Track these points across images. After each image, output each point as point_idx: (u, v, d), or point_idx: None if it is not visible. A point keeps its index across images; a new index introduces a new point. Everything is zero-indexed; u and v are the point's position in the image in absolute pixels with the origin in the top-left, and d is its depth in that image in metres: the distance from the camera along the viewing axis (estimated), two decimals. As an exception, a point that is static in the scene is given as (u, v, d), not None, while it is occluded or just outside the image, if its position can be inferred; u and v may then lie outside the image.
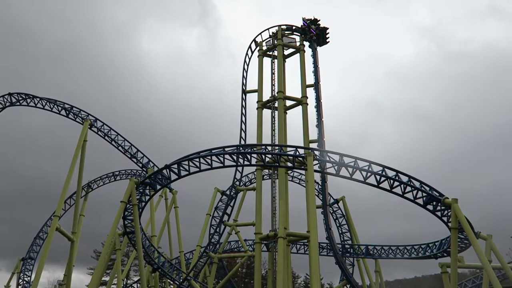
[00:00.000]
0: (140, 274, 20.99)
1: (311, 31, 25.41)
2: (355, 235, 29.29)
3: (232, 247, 31.90)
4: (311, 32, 25.37)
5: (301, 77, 23.79)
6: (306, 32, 25.45)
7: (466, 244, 19.50)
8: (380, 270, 28.08)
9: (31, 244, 32.58)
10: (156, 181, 19.29)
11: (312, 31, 25.41)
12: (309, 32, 25.36)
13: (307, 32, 25.43)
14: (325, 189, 23.25)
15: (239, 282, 60.01)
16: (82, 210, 30.87)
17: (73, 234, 24.76)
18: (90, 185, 33.89)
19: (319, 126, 22.99)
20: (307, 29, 25.39)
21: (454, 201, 16.42)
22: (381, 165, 17.25)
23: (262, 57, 25.23)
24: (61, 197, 23.22)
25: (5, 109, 28.74)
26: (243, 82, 25.93)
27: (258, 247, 20.17)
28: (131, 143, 29.58)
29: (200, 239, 28.29)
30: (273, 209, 20.90)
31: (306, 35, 25.39)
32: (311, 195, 16.83)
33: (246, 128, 24.97)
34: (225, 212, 26.05)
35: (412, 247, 23.91)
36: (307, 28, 25.39)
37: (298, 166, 18.59)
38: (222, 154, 18.01)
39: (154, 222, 27.38)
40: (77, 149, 24.49)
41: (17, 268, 31.97)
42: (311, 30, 25.42)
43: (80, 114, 27.40)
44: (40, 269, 20.98)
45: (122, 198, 18.87)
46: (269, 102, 23.56)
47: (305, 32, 25.41)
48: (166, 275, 24.89)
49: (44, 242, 30.05)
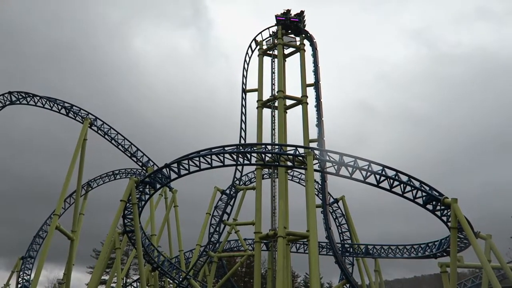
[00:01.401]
0: (139, 273, 21.00)
1: (292, 20, 25.28)
2: (355, 235, 29.32)
3: (231, 246, 31.92)
4: (293, 22, 25.21)
5: (301, 76, 23.77)
6: (289, 24, 25.28)
7: (465, 244, 19.52)
8: (380, 269, 28.12)
9: (31, 243, 32.58)
10: (156, 180, 19.29)
11: (294, 20, 25.32)
12: (292, 22, 25.20)
13: (289, 23, 25.27)
14: (325, 188, 23.25)
15: (239, 281, 60.02)
16: (82, 209, 30.86)
17: (73, 232, 24.76)
18: (90, 184, 33.89)
19: (319, 125, 22.97)
20: (288, 21, 25.26)
21: (454, 201, 16.44)
22: (381, 165, 17.26)
23: (262, 56, 25.21)
24: (61, 196, 23.21)
25: (4, 108, 28.73)
26: (243, 81, 25.90)
27: (257, 246, 20.19)
28: (131, 142, 29.60)
29: (200, 238, 28.30)
30: (273, 208, 20.90)
31: (288, 27, 25.26)
32: (311, 195, 16.84)
33: (246, 127, 24.99)
34: (224, 211, 26.04)
35: (412, 247, 23.93)
36: (288, 21, 25.26)
37: (298, 165, 18.60)
38: (222, 153, 18.01)
39: (154, 221, 27.38)
40: (77, 148, 24.47)
41: (17, 266, 31.98)
42: (291, 19, 25.31)
43: (80, 113, 27.38)
44: (40, 268, 20.98)
45: (121, 197, 18.87)
46: (269, 102, 23.55)
47: (288, 26, 25.26)
48: (165, 274, 24.90)
49: (44, 240, 30.04)
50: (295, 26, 25.29)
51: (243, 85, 25.86)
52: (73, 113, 27.41)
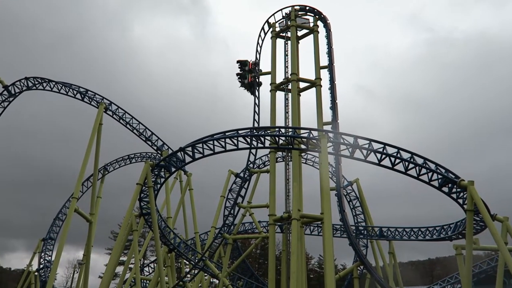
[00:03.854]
0: (156, 254, 21.48)
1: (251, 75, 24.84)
2: (369, 217, 29.33)
3: (246, 228, 32.26)
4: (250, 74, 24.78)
5: (315, 59, 23.45)
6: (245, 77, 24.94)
7: (481, 226, 19.38)
8: (394, 251, 28.13)
9: (51, 225, 33.45)
10: (171, 164, 19.45)
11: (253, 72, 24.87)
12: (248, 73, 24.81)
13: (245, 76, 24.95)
14: (338, 171, 23.17)
15: (253, 263, 60.92)
16: (99, 192, 31.47)
17: (91, 215, 25.35)
18: (107, 167, 34.48)
19: (333, 108, 22.74)
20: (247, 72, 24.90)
21: (470, 183, 16.25)
22: (395, 147, 17.10)
23: (275, 38, 24.90)
24: (79, 180, 23.69)
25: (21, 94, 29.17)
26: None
27: (272, 229, 20.35)
28: (146, 126, 29.85)
29: (215, 221, 28.67)
30: (286, 191, 20.96)
31: (303, 8, 24.74)
32: (325, 177, 16.82)
33: (260, 111, 24.93)
34: (239, 194, 26.23)
35: (427, 229, 23.87)
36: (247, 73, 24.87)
37: (312, 148, 18.55)
38: (236, 137, 18.05)
39: (169, 204, 27.79)
40: (93, 132, 24.83)
41: (38, 248, 32.97)
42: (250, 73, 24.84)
43: (95, 97, 27.63)
44: (60, 249, 21.60)
45: (137, 181, 19.16)
46: (282, 84, 23.38)
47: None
48: (182, 255, 25.38)
49: (64, 223, 30.85)
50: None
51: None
52: (88, 97, 27.68)
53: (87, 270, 24.94)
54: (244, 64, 25.28)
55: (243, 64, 25.35)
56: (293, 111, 21.77)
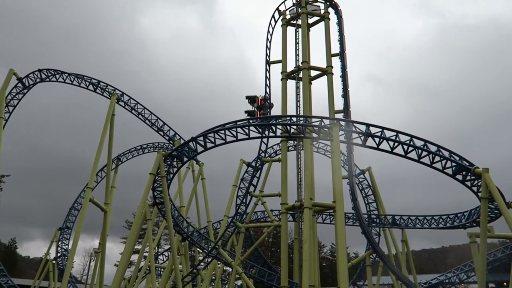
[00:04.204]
0: (170, 243, 21.75)
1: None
2: (381, 205, 29.20)
3: (258, 217, 32.47)
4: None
5: (326, 46, 23.20)
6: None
7: (496, 214, 19.15)
8: (407, 239, 28.03)
9: (67, 214, 34.13)
10: (183, 153, 19.59)
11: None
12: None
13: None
14: (351, 159, 23.06)
15: (266, 251, 61.39)
16: (113, 182, 31.93)
17: (106, 205, 25.72)
18: (120, 158, 34.91)
19: (344, 96, 22.54)
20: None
21: (485, 170, 16.05)
22: (409, 135, 16.93)
23: (286, 26, 24.64)
24: (93, 170, 24.01)
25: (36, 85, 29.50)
26: (267, 53, 25.50)
27: (284, 217, 20.43)
28: (158, 116, 30.02)
29: (227, 210, 28.88)
30: (298, 180, 20.96)
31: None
32: (337, 166, 16.75)
33: (271, 99, 24.81)
34: (251, 183, 26.32)
35: (440, 217, 23.70)
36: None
37: (324, 136, 18.47)
38: (247, 126, 18.05)
39: (182, 193, 28.07)
40: (105, 123, 25.05)
41: (55, 237, 33.72)
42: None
43: (107, 88, 27.82)
44: (77, 238, 22.02)
45: (150, 170, 19.35)
46: (293, 73, 23.21)
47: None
48: (195, 244, 25.70)
49: (79, 212, 31.41)
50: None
51: (266, 56, 25.48)
52: (100, 89, 27.89)
53: (103, 258, 25.41)
54: (253, 100, 24.13)
55: (252, 100, 24.20)
56: (304, 99, 21.62)
